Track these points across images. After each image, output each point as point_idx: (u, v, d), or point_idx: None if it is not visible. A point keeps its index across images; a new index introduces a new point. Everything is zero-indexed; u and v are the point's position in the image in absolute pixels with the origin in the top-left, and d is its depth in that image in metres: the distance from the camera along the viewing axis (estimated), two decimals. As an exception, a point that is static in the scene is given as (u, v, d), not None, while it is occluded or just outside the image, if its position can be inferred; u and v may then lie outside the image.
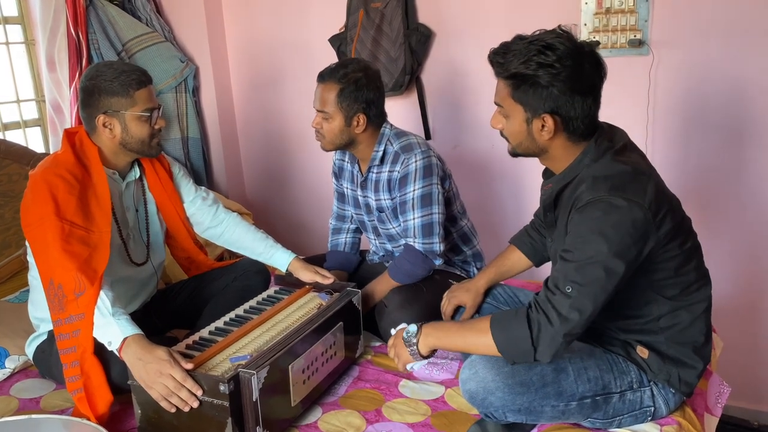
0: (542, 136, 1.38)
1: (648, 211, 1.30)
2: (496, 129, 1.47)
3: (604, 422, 1.46)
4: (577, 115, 1.35)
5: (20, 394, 1.77)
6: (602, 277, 1.29)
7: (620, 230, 1.28)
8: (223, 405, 1.40)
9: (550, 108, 1.34)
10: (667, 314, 1.42)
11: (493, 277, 1.81)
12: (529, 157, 1.48)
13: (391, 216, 2.05)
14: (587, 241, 1.30)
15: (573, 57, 1.31)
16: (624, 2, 2.29)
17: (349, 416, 1.62)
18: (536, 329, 1.31)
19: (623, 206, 1.29)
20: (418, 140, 2.01)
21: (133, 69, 1.72)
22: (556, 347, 1.32)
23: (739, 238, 2.34)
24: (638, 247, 1.31)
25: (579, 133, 1.39)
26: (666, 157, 2.35)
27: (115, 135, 1.72)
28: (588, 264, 1.29)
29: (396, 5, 2.57)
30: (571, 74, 1.31)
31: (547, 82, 1.31)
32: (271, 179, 3.23)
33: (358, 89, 1.92)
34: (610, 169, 1.36)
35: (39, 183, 1.63)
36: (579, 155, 1.40)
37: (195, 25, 2.97)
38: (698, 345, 1.45)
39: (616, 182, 1.32)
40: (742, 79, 2.20)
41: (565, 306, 1.30)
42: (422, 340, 1.47)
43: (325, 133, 1.98)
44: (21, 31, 2.67)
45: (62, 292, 1.54)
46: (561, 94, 1.32)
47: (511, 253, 1.83)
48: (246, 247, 2.03)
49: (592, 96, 1.36)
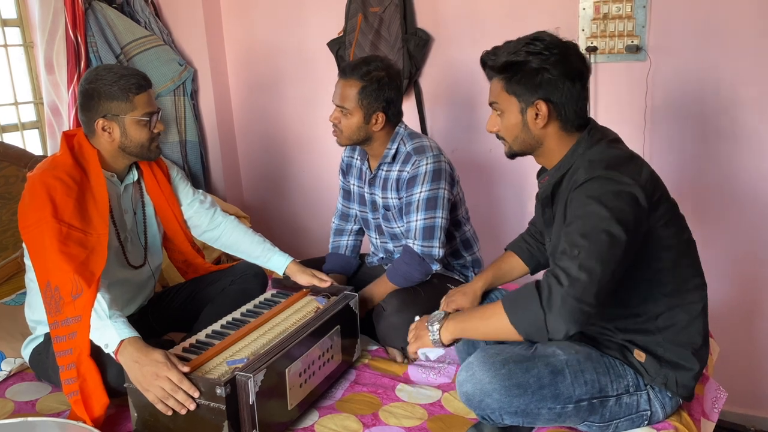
0: (537, 124, 1.44)
1: (644, 188, 1.34)
2: (493, 132, 1.52)
3: (600, 426, 1.46)
4: (568, 101, 1.42)
5: (16, 397, 1.77)
6: (606, 240, 1.29)
7: (619, 199, 1.32)
8: (220, 408, 1.39)
9: (543, 95, 1.41)
10: (665, 313, 1.43)
11: (490, 281, 1.81)
12: (526, 154, 1.52)
13: (397, 215, 2.05)
14: (588, 210, 1.32)
15: (559, 46, 1.41)
16: (621, 8, 2.30)
17: (346, 420, 1.62)
18: (546, 292, 1.30)
19: (620, 180, 1.33)
20: (431, 143, 2.02)
21: (133, 73, 1.72)
22: (567, 312, 1.27)
23: (736, 243, 2.35)
24: (636, 217, 1.32)
25: (571, 121, 1.45)
26: (663, 161, 2.35)
27: (114, 139, 1.72)
28: (591, 229, 1.31)
29: (394, 10, 2.58)
30: (560, 59, 1.39)
31: (538, 65, 1.39)
32: (269, 183, 3.24)
33: (380, 88, 1.92)
34: (605, 153, 1.41)
35: (37, 185, 1.63)
36: (573, 145, 1.46)
37: (193, 29, 2.97)
38: (696, 347, 1.45)
39: (612, 162, 1.37)
40: (738, 85, 2.21)
41: (573, 267, 1.29)
42: (446, 326, 1.48)
43: (343, 128, 1.98)
44: (19, 33, 2.67)
45: (59, 295, 1.54)
46: (552, 79, 1.40)
47: (508, 258, 1.83)
48: (243, 251, 2.03)
49: (580, 83, 1.43)
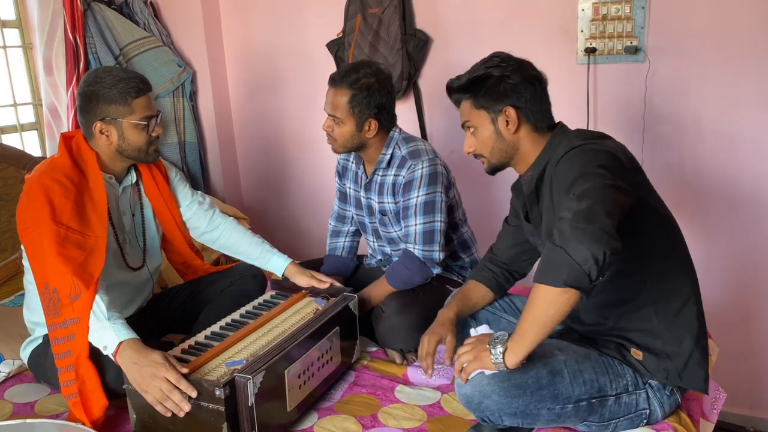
0: (509, 130, 1.53)
1: (623, 151, 1.42)
2: (470, 153, 1.61)
3: (600, 425, 1.46)
4: (533, 103, 1.52)
5: (15, 399, 1.76)
6: (599, 174, 1.31)
7: (600, 153, 1.38)
8: (219, 410, 1.39)
9: (509, 102, 1.51)
10: (656, 297, 1.43)
11: (458, 311, 1.72)
12: (505, 166, 1.59)
13: (394, 220, 2.05)
14: (572, 164, 1.38)
15: (514, 59, 1.55)
16: (620, 9, 2.30)
17: (345, 421, 1.61)
18: (557, 235, 1.26)
19: (599, 144, 1.42)
20: (426, 147, 2.01)
21: (133, 77, 1.72)
22: (581, 234, 1.21)
23: (734, 244, 2.35)
24: (619, 166, 1.36)
25: (540, 122, 1.54)
26: (661, 163, 2.36)
27: (112, 142, 1.72)
28: (579, 173, 1.33)
29: (393, 11, 2.58)
30: (517, 67, 1.52)
31: (499, 74, 1.51)
32: (268, 184, 3.24)
33: (370, 95, 1.92)
34: (580, 135, 1.51)
35: (35, 187, 1.63)
36: (549, 139, 1.53)
37: (192, 30, 2.97)
38: (692, 332, 1.44)
39: (588, 136, 1.48)
40: (736, 86, 2.21)
41: (573, 203, 1.27)
42: (511, 349, 1.35)
43: (337, 136, 1.98)
44: (18, 34, 2.67)
45: (57, 296, 1.54)
46: (514, 84, 1.50)
47: (475, 287, 1.78)
48: (242, 252, 2.03)
49: (540, 87, 1.54)
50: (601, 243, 1.20)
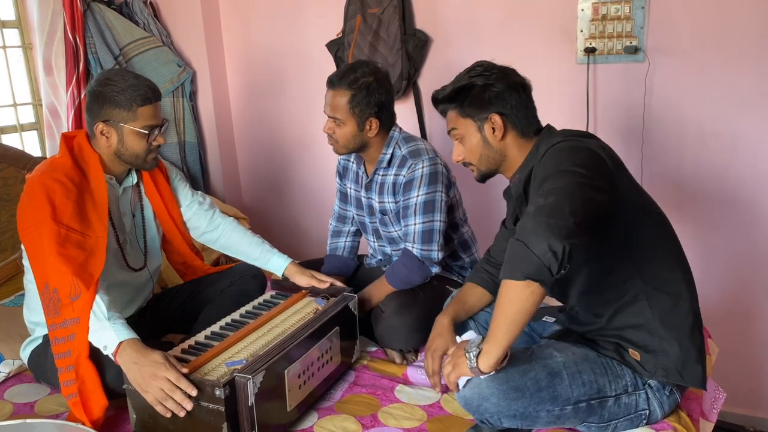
0: (496, 137, 1.55)
1: (604, 149, 1.44)
2: (459, 161, 1.62)
3: (599, 426, 1.46)
4: (518, 109, 1.54)
5: (15, 399, 1.77)
6: (572, 179, 1.32)
7: (581, 150, 1.41)
8: (219, 410, 1.39)
9: (494, 109, 1.53)
10: (650, 292, 1.43)
11: (454, 315, 1.72)
12: (494, 173, 1.62)
13: (394, 219, 2.05)
14: (550, 162, 1.40)
15: (497, 67, 1.57)
16: (620, 9, 2.30)
17: (345, 421, 1.62)
18: (519, 230, 1.27)
19: (579, 141, 1.45)
20: (426, 146, 2.02)
21: (144, 84, 1.71)
22: (541, 229, 1.22)
23: (735, 244, 2.35)
24: (598, 163, 1.38)
25: (526, 127, 1.56)
26: (661, 163, 2.36)
27: (111, 144, 1.73)
28: (554, 174, 1.35)
29: (393, 11, 2.58)
30: (501, 75, 1.54)
31: (483, 82, 1.53)
32: (268, 184, 3.24)
33: (369, 94, 1.92)
34: (564, 134, 1.53)
35: (36, 187, 1.63)
36: (536, 142, 1.55)
37: (192, 30, 2.97)
38: (688, 328, 1.44)
39: (570, 134, 1.52)
40: (736, 86, 2.21)
41: (540, 198, 1.30)
42: (485, 352, 1.34)
43: (338, 138, 1.98)
44: (18, 34, 2.67)
45: (57, 296, 1.54)
46: (498, 92, 1.52)
47: (471, 290, 1.78)
48: (242, 252, 2.03)
49: (525, 93, 1.56)
50: (560, 237, 1.22)
